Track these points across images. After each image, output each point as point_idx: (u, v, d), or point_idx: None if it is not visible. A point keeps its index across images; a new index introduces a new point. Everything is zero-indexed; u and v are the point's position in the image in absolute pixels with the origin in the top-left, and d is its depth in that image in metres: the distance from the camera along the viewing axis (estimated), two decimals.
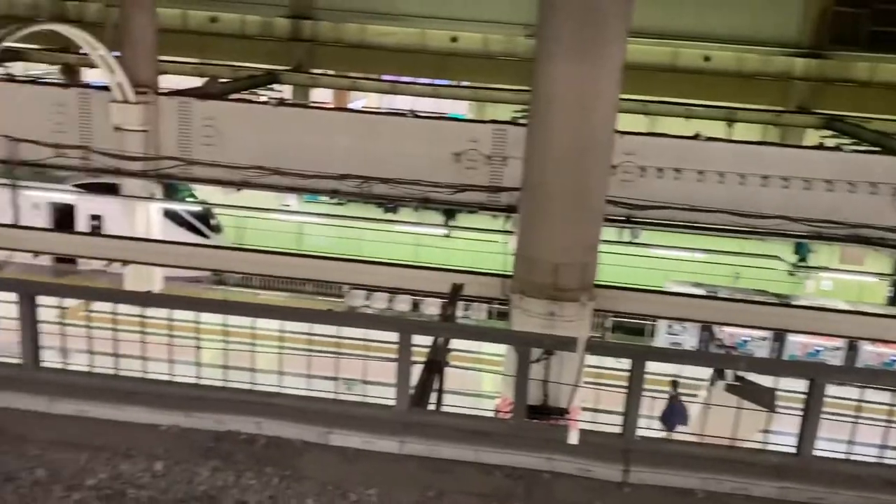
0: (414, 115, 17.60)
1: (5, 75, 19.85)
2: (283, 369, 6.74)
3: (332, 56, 25.16)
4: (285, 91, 24.91)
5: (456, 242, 18.84)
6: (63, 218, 21.20)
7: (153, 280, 17.07)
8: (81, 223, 21.12)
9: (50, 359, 6.80)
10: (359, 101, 32.23)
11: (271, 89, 22.58)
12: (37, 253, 14.81)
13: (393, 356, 6.37)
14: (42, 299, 6.57)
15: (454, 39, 24.42)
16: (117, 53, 16.06)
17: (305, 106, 19.73)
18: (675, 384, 13.68)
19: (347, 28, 24.83)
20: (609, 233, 15.28)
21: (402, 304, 19.37)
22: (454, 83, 26.24)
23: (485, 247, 15.68)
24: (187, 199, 21.56)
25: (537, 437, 6.28)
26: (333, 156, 15.71)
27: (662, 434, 12.58)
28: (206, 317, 6.51)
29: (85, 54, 17.03)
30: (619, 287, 12.48)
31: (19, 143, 15.56)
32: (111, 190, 17.84)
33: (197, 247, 15.98)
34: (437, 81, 25.39)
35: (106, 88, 16.09)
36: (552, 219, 11.04)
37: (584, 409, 9.51)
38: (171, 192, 19.63)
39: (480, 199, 15.73)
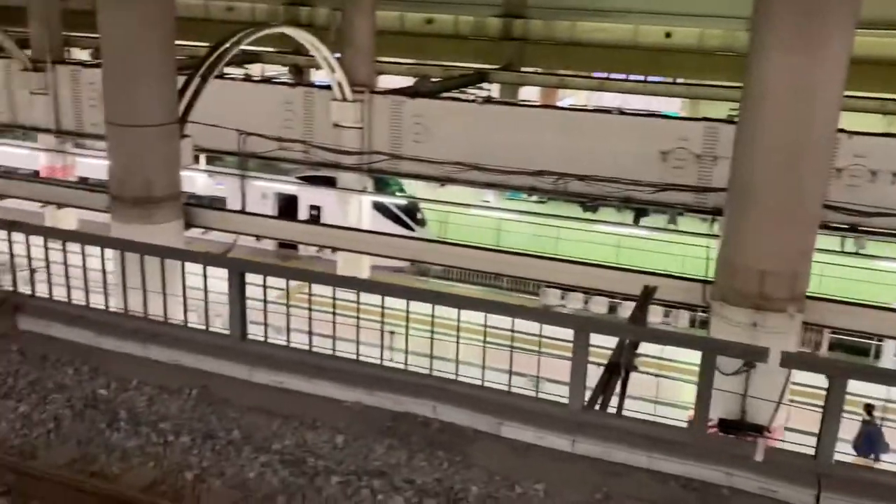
0: (621, 112, 17.21)
1: (243, 76, 21.89)
2: (460, 358, 6.87)
3: (542, 54, 25.11)
4: (494, 89, 25.31)
5: (657, 244, 18.19)
6: (287, 207, 22.99)
7: (362, 267, 18.08)
8: (302, 212, 22.79)
9: (255, 332, 7.42)
10: (567, 98, 31.99)
11: (480, 88, 23.05)
12: (258, 237, 16.18)
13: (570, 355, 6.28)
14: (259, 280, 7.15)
15: (668, 35, 23.51)
16: (339, 55, 17.18)
17: (510, 103, 19.89)
18: (869, 409, 12.25)
19: (558, 25, 24.68)
20: (830, 241, 14.07)
21: (598, 305, 18.97)
22: (668, 80, 25.26)
23: (688, 250, 14.99)
24: (396, 194, 22.56)
25: (720, 451, 5.92)
26: (537, 153, 15.76)
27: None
28: (390, 301, 6.77)
29: (311, 56, 18.34)
30: (836, 300, 11.39)
31: (249, 136, 17.14)
32: (329, 182, 19.11)
33: (402, 238, 16.70)
34: (649, 78, 24.60)
35: (328, 88, 17.26)
36: (760, 222, 10.31)
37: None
38: (381, 186, 20.69)
39: (686, 199, 15.10)
